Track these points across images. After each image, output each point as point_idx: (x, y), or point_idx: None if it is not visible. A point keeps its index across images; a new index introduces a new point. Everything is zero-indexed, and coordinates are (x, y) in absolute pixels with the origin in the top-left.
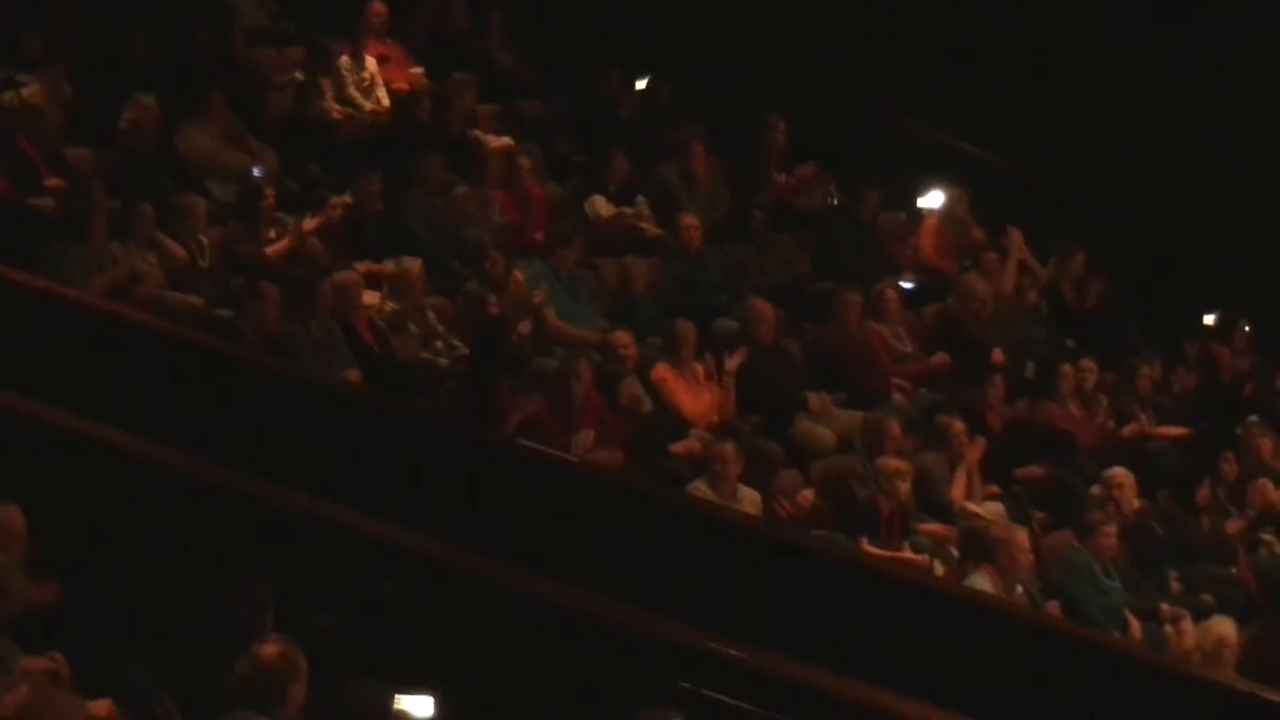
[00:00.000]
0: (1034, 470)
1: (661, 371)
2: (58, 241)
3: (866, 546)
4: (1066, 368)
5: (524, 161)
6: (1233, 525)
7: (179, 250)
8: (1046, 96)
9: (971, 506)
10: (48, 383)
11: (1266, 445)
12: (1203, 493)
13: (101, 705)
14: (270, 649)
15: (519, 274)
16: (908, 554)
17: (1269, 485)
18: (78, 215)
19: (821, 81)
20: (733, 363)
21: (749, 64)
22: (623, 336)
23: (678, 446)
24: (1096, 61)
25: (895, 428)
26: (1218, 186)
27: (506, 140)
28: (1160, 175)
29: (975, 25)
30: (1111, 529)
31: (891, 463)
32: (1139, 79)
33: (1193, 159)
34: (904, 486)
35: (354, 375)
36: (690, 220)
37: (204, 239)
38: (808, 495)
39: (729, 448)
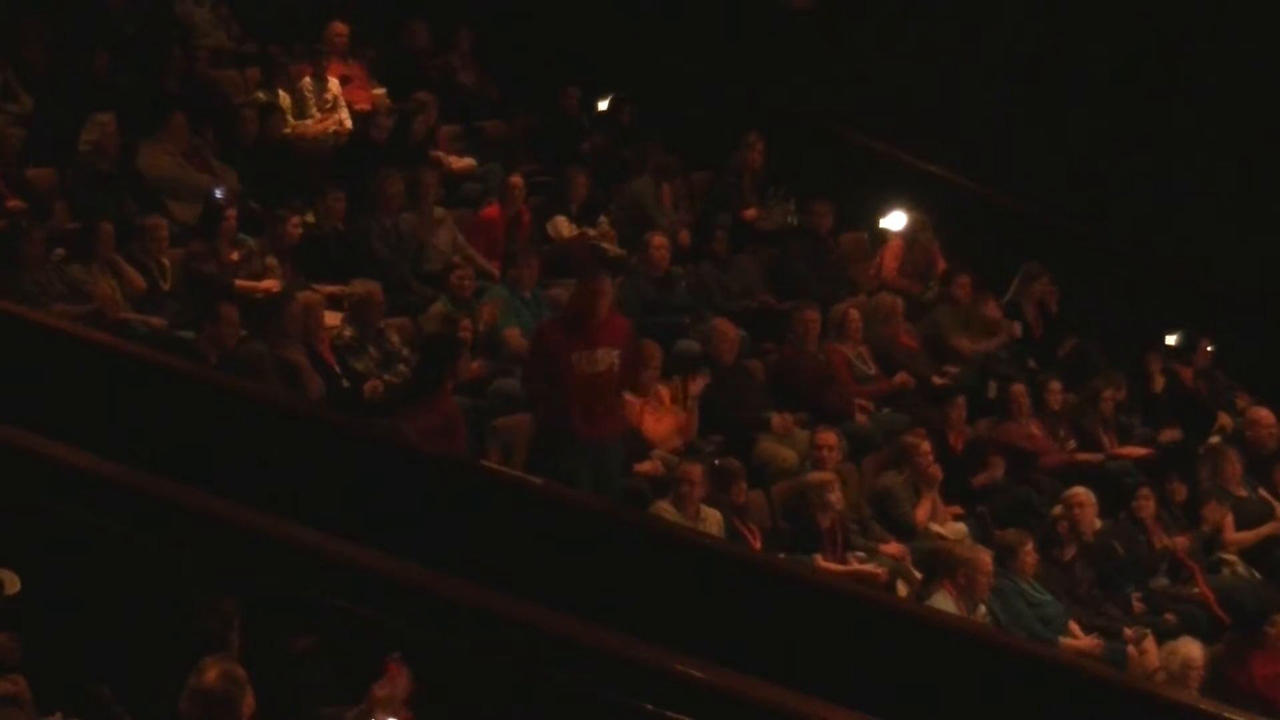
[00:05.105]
0: (991, 474)
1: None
2: (6, 264)
3: (821, 563)
4: (1019, 387)
5: (517, 180)
6: (1181, 541)
7: (138, 279)
8: (1010, 117)
9: (935, 527)
10: (8, 404)
11: (1232, 468)
12: (1155, 510)
13: None
14: (210, 675)
15: (493, 300)
16: (858, 566)
17: (1226, 510)
18: (22, 235)
19: (783, 101)
20: (696, 386)
21: (713, 83)
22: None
23: (641, 466)
24: (1062, 82)
25: (830, 438)
26: (1182, 206)
27: (469, 161)
28: (1124, 195)
29: (939, 46)
30: (1030, 546)
31: (816, 475)
32: (1105, 99)
33: (1156, 179)
34: (834, 496)
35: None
36: (659, 240)
37: (165, 261)
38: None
39: (696, 468)
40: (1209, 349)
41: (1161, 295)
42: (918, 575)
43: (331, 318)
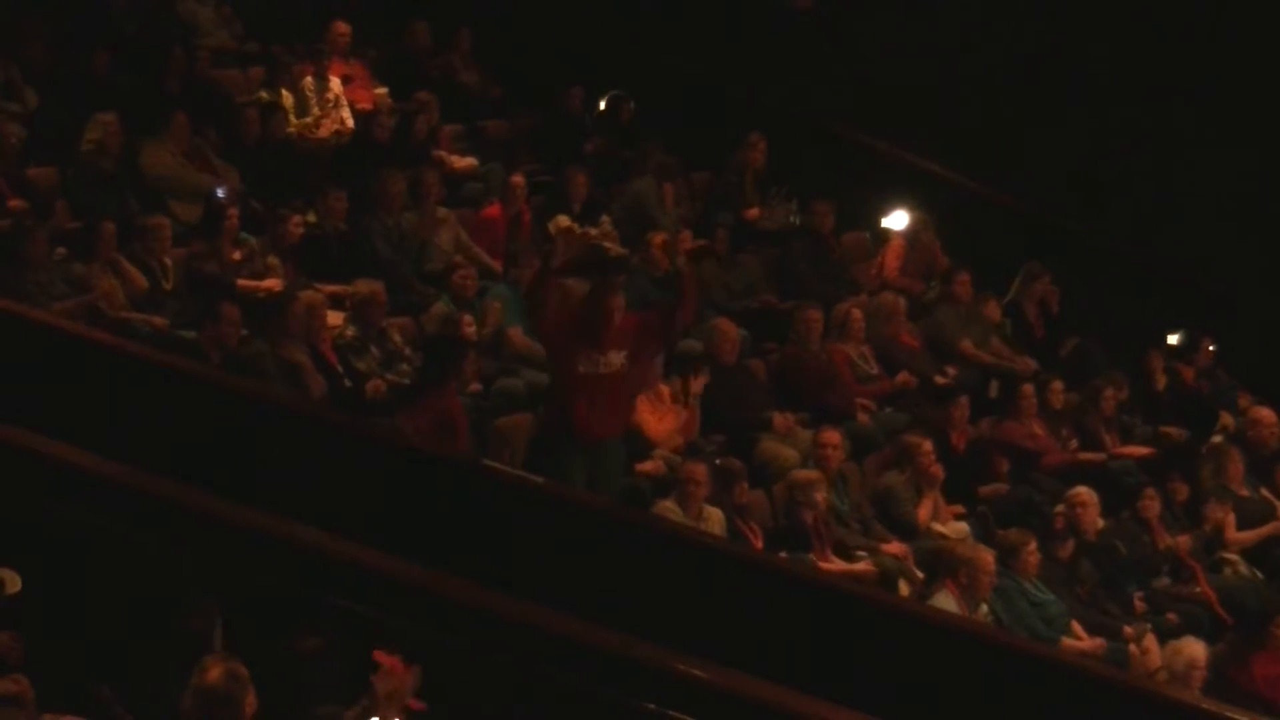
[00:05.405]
0: (997, 487)
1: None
2: (8, 263)
3: (820, 562)
4: (1027, 387)
5: (518, 180)
6: (1183, 540)
7: (140, 278)
8: (1010, 117)
9: (937, 526)
10: (8, 404)
11: (1234, 468)
12: (1158, 509)
13: None
14: (212, 673)
15: (494, 300)
16: (845, 564)
17: (1228, 510)
18: (25, 235)
19: (783, 101)
20: (697, 385)
21: (713, 83)
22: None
23: (643, 466)
24: (1062, 82)
25: (834, 437)
26: (1182, 206)
27: (470, 160)
28: (1124, 195)
29: (939, 46)
30: (1032, 546)
31: (803, 474)
32: (1105, 99)
33: (1156, 179)
34: (820, 494)
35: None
36: (660, 239)
37: (167, 260)
38: None
39: (701, 468)
40: (1211, 348)
41: (1161, 295)
42: (920, 575)
43: (334, 317)
